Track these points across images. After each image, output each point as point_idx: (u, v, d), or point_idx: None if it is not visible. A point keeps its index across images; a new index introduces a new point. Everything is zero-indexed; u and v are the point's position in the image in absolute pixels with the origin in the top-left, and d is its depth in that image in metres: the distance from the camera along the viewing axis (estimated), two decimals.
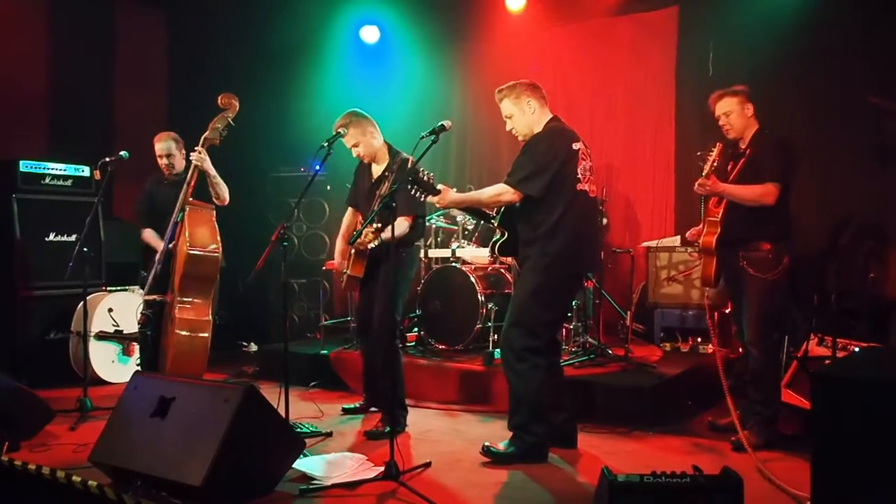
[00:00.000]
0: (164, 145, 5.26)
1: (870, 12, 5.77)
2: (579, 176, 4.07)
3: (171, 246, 4.93)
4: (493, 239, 4.31)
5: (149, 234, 5.24)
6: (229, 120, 5.06)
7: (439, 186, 4.06)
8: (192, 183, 4.94)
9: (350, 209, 5.01)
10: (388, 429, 4.40)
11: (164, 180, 5.31)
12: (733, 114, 4.32)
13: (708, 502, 2.35)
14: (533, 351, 4.00)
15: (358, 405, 5.12)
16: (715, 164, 4.13)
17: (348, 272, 4.61)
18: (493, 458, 3.99)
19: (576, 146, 4.09)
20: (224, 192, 5.12)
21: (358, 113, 4.74)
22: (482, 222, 5.84)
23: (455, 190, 4.28)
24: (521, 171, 4.03)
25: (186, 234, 4.83)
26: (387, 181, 4.58)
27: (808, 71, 6.07)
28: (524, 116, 4.16)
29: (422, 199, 4.10)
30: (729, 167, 4.33)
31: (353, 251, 4.57)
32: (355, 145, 4.69)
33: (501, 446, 4.02)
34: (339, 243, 4.93)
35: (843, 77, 5.89)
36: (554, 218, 3.99)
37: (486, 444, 4.06)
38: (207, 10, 7.72)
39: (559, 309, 4.24)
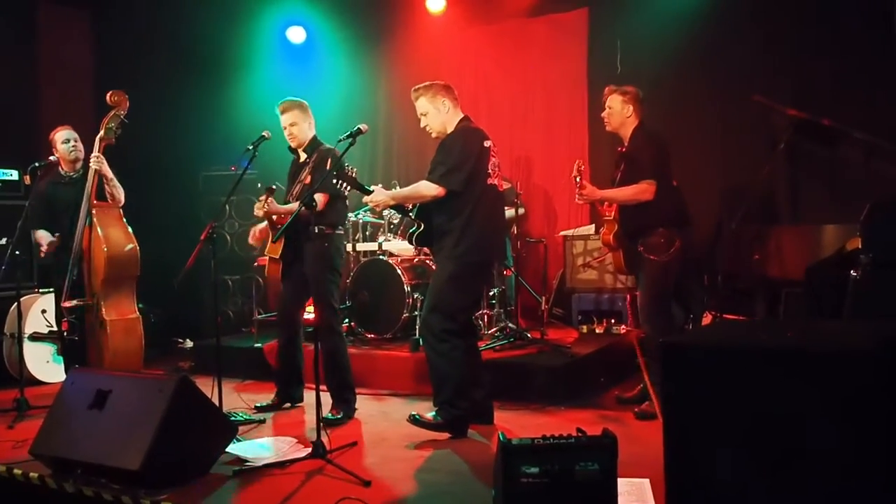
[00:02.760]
0: (69, 133, 5.35)
1: (757, 18, 6.31)
2: (489, 171, 4.41)
3: (81, 248, 5.02)
4: (411, 230, 4.60)
5: (41, 234, 5.32)
6: (121, 117, 5.14)
7: (372, 187, 4.36)
8: (94, 186, 5.04)
9: None
10: (341, 414, 4.74)
11: (60, 179, 5.37)
12: (613, 110, 4.73)
13: (587, 457, 2.71)
14: (451, 333, 4.31)
15: (270, 402, 5.12)
16: (577, 177, 4.56)
17: (269, 254, 4.86)
18: (421, 425, 4.29)
19: (486, 144, 4.43)
20: (120, 193, 5.23)
21: (304, 104, 4.97)
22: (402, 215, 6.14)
23: (381, 186, 4.58)
24: (441, 168, 4.32)
25: (101, 237, 4.95)
26: (307, 168, 4.84)
27: (707, 67, 6.58)
28: (438, 115, 4.46)
29: (346, 191, 4.37)
30: (619, 166, 4.73)
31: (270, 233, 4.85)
32: (293, 124, 4.89)
33: (429, 416, 4.34)
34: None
35: (738, 73, 6.40)
36: (467, 210, 4.31)
37: (414, 413, 4.36)
38: (133, 10, 7.79)
39: (473, 294, 4.60)
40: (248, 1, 8.02)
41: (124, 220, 5.16)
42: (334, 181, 4.25)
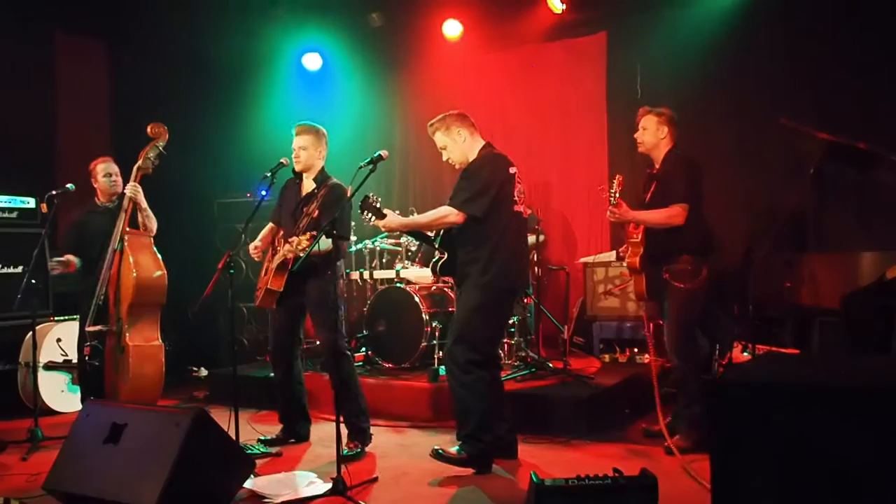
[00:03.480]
0: (109, 165, 5.39)
1: (780, 38, 6.21)
2: (515, 198, 4.32)
3: (109, 274, 5.00)
4: (434, 259, 4.51)
5: (70, 258, 5.30)
6: (160, 148, 5.19)
7: (385, 211, 4.27)
8: (129, 213, 5.07)
9: (270, 224, 5.08)
10: (359, 448, 4.61)
11: (95, 209, 5.40)
12: (647, 131, 4.64)
13: (625, 500, 2.57)
14: (476, 364, 4.20)
15: (275, 436, 4.96)
16: (617, 193, 4.43)
17: (268, 286, 4.70)
18: (445, 460, 4.15)
19: (511, 170, 4.34)
20: (153, 224, 5.25)
21: (320, 133, 4.87)
22: (424, 244, 6.06)
23: (398, 212, 4.50)
24: (463, 194, 4.24)
25: (131, 263, 4.93)
26: (315, 200, 4.71)
27: (729, 90, 6.49)
28: (457, 146, 4.39)
29: (370, 222, 4.30)
30: (648, 188, 4.63)
31: (274, 265, 4.69)
32: (303, 148, 4.79)
33: (453, 450, 4.20)
34: (253, 245, 5.00)
35: (761, 96, 6.31)
36: (493, 238, 4.22)
37: (437, 447, 4.23)
38: (149, 39, 7.79)
39: (498, 324, 4.48)
40: (264, 28, 8.00)
41: (154, 248, 5.16)
42: (361, 213, 4.22)
